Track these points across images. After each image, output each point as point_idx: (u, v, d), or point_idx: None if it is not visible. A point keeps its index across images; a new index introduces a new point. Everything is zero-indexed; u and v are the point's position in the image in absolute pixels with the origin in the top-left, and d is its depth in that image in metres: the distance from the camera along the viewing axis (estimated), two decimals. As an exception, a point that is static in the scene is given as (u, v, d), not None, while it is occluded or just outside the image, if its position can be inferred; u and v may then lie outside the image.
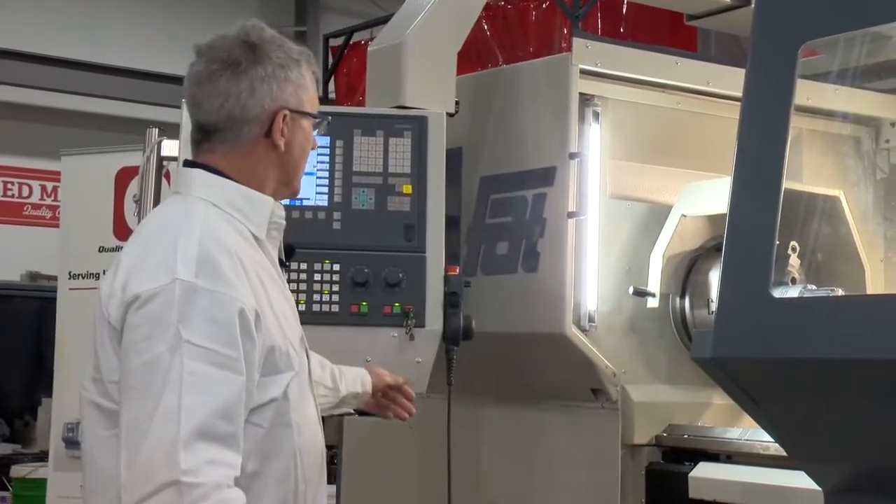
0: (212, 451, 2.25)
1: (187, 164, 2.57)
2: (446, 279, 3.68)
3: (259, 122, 2.52)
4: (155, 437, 2.24)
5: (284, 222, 2.59)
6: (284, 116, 2.53)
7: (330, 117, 2.73)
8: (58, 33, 12.23)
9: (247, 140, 2.52)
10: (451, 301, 3.66)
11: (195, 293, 2.31)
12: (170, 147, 4.03)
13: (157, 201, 4.09)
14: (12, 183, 12.87)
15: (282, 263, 2.62)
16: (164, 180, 4.21)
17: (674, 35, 7.37)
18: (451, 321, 3.66)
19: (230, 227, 2.47)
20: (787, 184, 2.31)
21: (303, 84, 2.56)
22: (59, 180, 7.68)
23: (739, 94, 2.40)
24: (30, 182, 12.87)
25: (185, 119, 3.87)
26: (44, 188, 12.85)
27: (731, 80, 3.83)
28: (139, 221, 4.09)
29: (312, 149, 2.65)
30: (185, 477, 2.21)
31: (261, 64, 2.52)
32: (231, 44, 2.52)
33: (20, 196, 12.90)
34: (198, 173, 2.53)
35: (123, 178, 6.40)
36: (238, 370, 2.31)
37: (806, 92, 3.79)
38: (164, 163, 4.11)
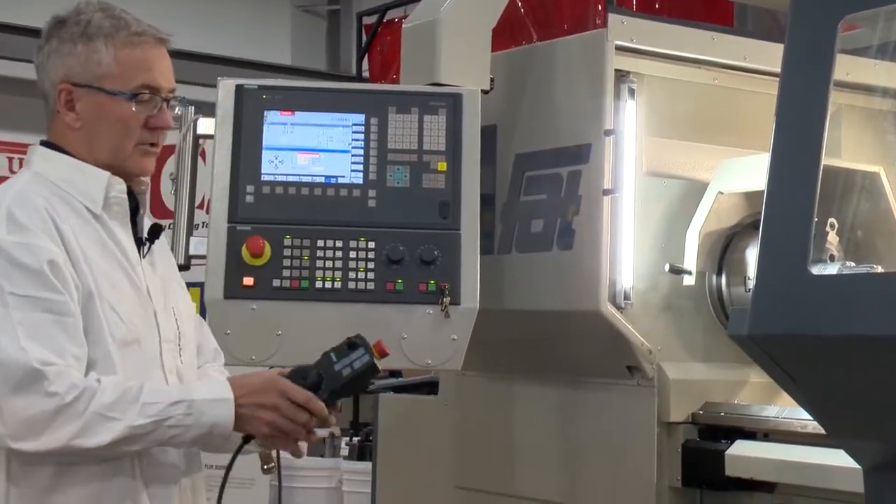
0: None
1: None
2: None
3: (52, 98, 2.55)
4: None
5: (125, 196, 2.58)
6: (68, 91, 2.53)
7: (133, 94, 2.58)
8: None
9: (54, 115, 2.57)
10: None
11: (3, 249, 2.39)
12: (205, 125, 4.03)
13: (193, 178, 4.10)
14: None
15: (146, 241, 2.62)
16: (199, 158, 4.22)
17: (708, 11, 7.34)
18: None
19: (54, 197, 2.49)
20: (825, 160, 2.29)
21: (93, 58, 2.52)
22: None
23: (777, 69, 2.38)
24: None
25: (220, 97, 3.90)
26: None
27: (769, 55, 3.80)
28: (176, 198, 4.11)
29: (154, 128, 2.63)
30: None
31: (49, 40, 2.55)
32: (49, 21, 2.57)
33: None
34: (37, 149, 2.59)
35: (160, 156, 6.39)
36: (68, 312, 2.39)
37: (845, 67, 3.74)
38: (200, 141, 4.11)
